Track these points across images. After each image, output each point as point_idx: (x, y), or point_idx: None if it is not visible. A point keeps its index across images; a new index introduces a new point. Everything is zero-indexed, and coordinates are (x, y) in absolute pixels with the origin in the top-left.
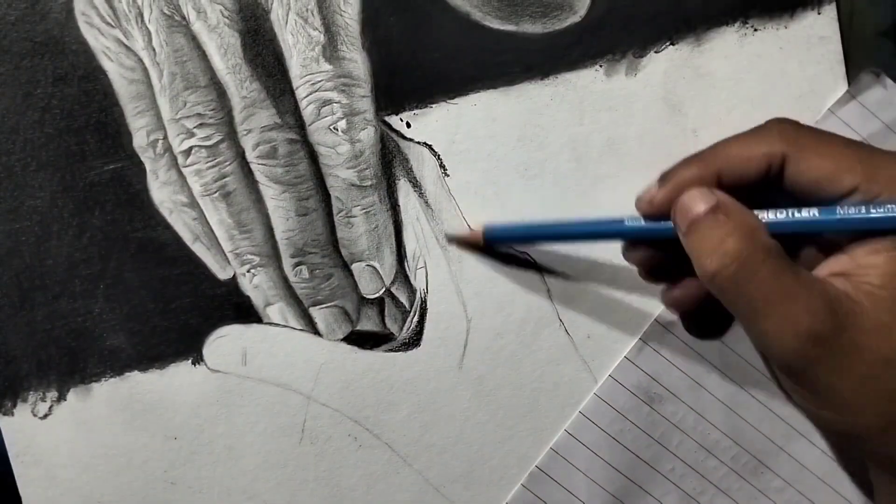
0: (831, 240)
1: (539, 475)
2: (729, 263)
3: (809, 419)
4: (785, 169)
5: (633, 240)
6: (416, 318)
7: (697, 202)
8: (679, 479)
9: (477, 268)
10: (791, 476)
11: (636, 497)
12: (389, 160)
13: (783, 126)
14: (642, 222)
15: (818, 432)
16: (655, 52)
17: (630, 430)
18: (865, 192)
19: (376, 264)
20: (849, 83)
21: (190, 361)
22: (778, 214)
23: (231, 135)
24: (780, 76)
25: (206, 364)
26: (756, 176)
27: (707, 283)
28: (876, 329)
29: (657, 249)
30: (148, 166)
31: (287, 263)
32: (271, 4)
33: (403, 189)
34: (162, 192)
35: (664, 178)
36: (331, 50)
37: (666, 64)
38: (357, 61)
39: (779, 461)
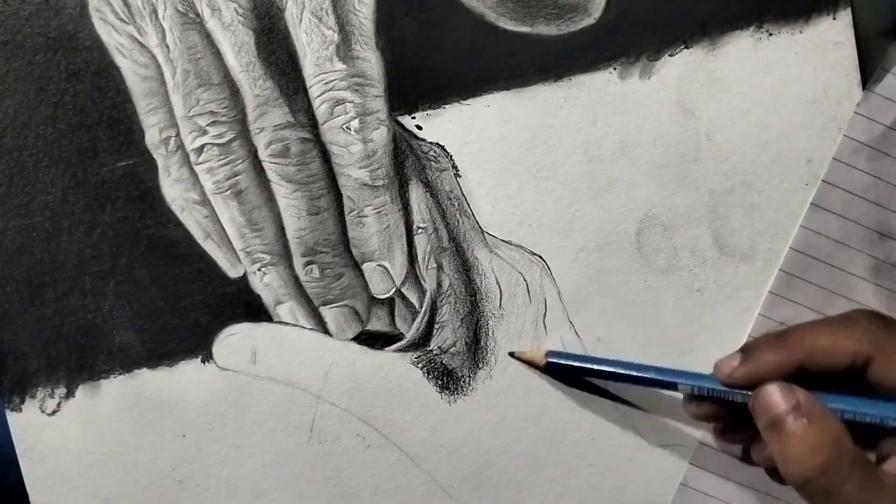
0: None
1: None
2: (817, 476)
3: None
4: (869, 367)
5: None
6: (425, 319)
7: (778, 399)
8: None
9: (488, 269)
10: None
11: None
12: (402, 160)
13: (870, 323)
14: (713, 383)
15: None
16: (670, 55)
17: None
18: None
19: (387, 264)
20: (863, 87)
21: (199, 359)
22: (854, 406)
23: (244, 133)
24: (795, 81)
25: (215, 362)
26: (840, 369)
27: (793, 487)
28: None
29: (727, 408)
30: (160, 163)
31: (298, 262)
32: (286, 3)
33: (415, 189)
34: (173, 190)
35: (746, 352)
36: (345, 49)
37: (680, 67)
38: (371, 61)
39: None
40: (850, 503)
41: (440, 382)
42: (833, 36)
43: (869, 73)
